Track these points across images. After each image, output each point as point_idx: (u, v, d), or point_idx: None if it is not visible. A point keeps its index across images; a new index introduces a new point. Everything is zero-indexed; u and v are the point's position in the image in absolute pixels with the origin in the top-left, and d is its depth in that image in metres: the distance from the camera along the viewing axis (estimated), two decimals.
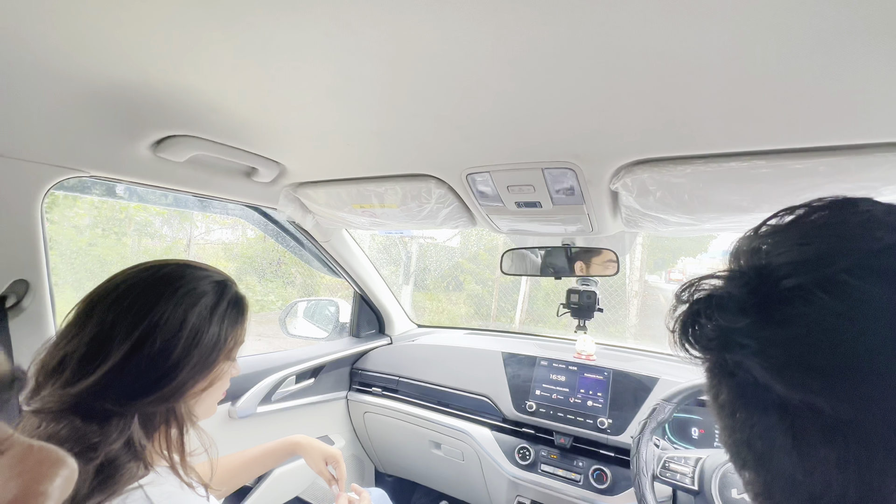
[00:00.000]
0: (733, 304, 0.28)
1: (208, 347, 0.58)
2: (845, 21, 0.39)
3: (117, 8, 0.45)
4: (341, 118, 0.71)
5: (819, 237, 0.27)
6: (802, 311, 0.25)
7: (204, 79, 0.60)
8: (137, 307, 0.55)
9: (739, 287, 0.29)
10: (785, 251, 0.28)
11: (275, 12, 0.44)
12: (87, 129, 0.73)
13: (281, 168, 1.01)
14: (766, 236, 0.30)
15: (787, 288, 0.26)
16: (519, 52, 0.48)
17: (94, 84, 0.60)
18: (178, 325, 0.56)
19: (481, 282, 7.68)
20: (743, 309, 0.28)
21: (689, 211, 0.85)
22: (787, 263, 0.27)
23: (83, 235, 5.50)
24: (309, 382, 1.61)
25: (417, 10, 0.42)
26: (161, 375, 0.54)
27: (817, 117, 0.56)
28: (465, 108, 0.64)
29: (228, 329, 0.62)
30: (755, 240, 0.31)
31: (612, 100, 0.57)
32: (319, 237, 1.50)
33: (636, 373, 1.38)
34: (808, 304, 0.25)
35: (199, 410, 0.63)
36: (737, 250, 0.32)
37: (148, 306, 0.55)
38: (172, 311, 0.56)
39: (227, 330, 0.62)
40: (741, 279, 0.29)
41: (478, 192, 0.99)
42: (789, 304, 0.26)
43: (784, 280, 0.27)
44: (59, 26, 0.48)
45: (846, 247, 0.26)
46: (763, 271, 0.28)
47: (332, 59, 0.53)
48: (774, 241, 0.29)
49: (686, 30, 0.42)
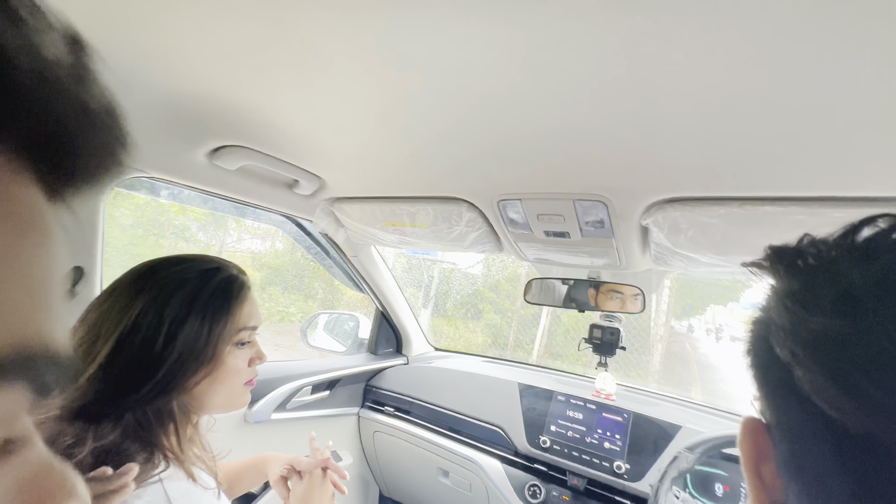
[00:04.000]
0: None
1: (190, 338, 0.58)
2: (889, 73, 0.40)
3: (199, 31, 0.50)
4: (384, 139, 0.76)
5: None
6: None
7: (264, 96, 0.65)
8: (118, 307, 0.57)
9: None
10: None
11: (341, 40, 0.49)
12: (155, 134, 0.80)
13: (321, 182, 1.06)
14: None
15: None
16: (559, 87, 0.51)
17: (168, 94, 0.67)
18: (155, 320, 0.56)
19: (500, 312, 7.60)
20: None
21: (721, 252, 0.84)
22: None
23: (125, 234, 5.81)
24: (324, 394, 1.62)
25: (468, 43, 0.46)
26: (144, 373, 0.55)
27: (856, 166, 0.56)
28: (503, 137, 0.67)
29: (214, 316, 0.61)
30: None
31: (646, 137, 0.59)
32: (349, 252, 1.55)
33: (658, 418, 1.32)
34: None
35: (211, 401, 0.63)
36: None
37: (127, 305, 0.57)
38: (149, 307, 0.57)
39: (213, 318, 0.61)
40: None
41: (508, 218, 1.01)
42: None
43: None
44: (146, 42, 0.54)
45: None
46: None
47: (384, 85, 0.57)
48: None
49: (724, 73, 0.44)
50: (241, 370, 0.66)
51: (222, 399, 0.65)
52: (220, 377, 0.63)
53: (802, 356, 0.24)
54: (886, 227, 0.25)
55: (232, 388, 0.65)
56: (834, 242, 0.26)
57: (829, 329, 0.23)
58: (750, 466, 0.29)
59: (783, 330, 0.26)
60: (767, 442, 0.28)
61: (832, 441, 0.23)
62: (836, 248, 0.26)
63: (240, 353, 0.66)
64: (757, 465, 0.28)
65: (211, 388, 0.63)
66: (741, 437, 0.30)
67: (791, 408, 0.26)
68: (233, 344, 0.64)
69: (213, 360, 0.61)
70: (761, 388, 0.29)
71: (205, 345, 0.60)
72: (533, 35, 0.43)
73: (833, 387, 0.23)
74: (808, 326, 0.24)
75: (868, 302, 0.22)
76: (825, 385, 0.23)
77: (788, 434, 0.26)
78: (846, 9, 0.34)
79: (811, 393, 0.24)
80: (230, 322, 0.63)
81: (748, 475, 0.29)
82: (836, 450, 0.23)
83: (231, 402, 0.67)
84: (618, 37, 0.41)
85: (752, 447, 0.29)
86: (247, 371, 0.68)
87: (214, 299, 0.62)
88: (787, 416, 0.27)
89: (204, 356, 0.60)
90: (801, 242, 0.28)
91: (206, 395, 0.63)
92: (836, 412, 0.23)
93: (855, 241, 0.25)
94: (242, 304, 0.66)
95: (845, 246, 0.25)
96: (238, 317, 0.65)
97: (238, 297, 0.65)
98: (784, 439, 0.27)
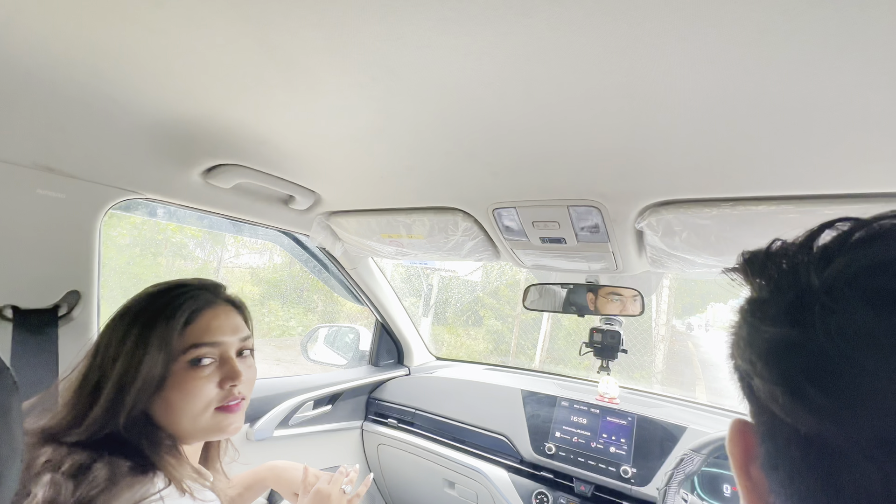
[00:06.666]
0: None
1: (128, 358, 0.58)
2: (871, 72, 0.41)
3: (188, 53, 0.51)
4: (377, 153, 0.76)
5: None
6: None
7: (256, 114, 0.66)
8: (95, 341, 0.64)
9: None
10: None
11: (330, 58, 0.49)
12: (149, 156, 0.80)
13: (316, 197, 1.06)
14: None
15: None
16: (547, 96, 0.52)
17: (160, 116, 0.67)
18: (105, 345, 0.61)
19: (501, 318, 7.58)
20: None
21: (716, 253, 0.85)
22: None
23: (123, 254, 5.80)
24: (326, 409, 1.61)
25: (456, 56, 0.47)
26: (96, 396, 0.58)
27: (846, 164, 0.57)
28: (495, 146, 0.67)
29: (150, 335, 0.59)
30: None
31: (637, 142, 0.60)
32: (347, 265, 1.55)
33: (662, 420, 1.32)
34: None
35: (177, 425, 0.61)
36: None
37: (98, 336, 0.63)
38: (104, 334, 0.62)
39: (148, 337, 0.59)
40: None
41: (503, 226, 1.01)
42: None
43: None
44: (136, 66, 0.55)
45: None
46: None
47: (375, 100, 0.58)
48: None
49: (710, 76, 0.45)
50: (199, 391, 0.61)
51: (188, 423, 0.61)
52: (173, 400, 0.60)
53: (759, 365, 0.25)
54: (845, 230, 0.24)
55: (193, 412, 0.61)
56: (798, 246, 0.26)
57: (779, 337, 0.24)
58: (739, 466, 0.29)
59: (742, 339, 0.27)
60: (754, 442, 0.28)
61: (796, 443, 0.24)
62: (799, 252, 0.26)
63: (197, 372, 0.61)
64: (746, 466, 0.29)
65: (168, 410, 0.60)
66: (729, 438, 0.30)
67: (760, 412, 0.27)
68: (185, 363, 0.61)
69: (155, 383, 0.59)
70: (741, 391, 0.29)
71: (140, 364, 0.58)
72: (519, 47, 0.44)
73: (783, 395, 0.23)
74: (762, 336, 0.25)
75: (816, 308, 0.22)
76: (776, 393, 0.24)
77: (763, 436, 0.27)
78: (828, 9, 0.34)
79: (766, 400, 0.25)
80: (171, 340, 0.60)
81: (738, 475, 0.29)
82: (800, 451, 0.24)
83: (200, 426, 0.62)
84: (602, 46, 0.42)
85: (741, 448, 0.29)
86: (215, 393, 0.63)
87: (152, 318, 0.61)
88: (759, 418, 0.27)
89: (146, 376, 0.58)
90: (772, 247, 0.28)
91: (168, 419, 0.61)
92: (789, 419, 0.23)
93: (814, 245, 0.25)
94: (195, 320, 0.63)
95: (806, 250, 0.25)
96: (187, 333, 0.62)
97: (181, 313, 0.62)
98: (762, 440, 0.27)
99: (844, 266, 0.23)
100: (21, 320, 0.78)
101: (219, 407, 0.64)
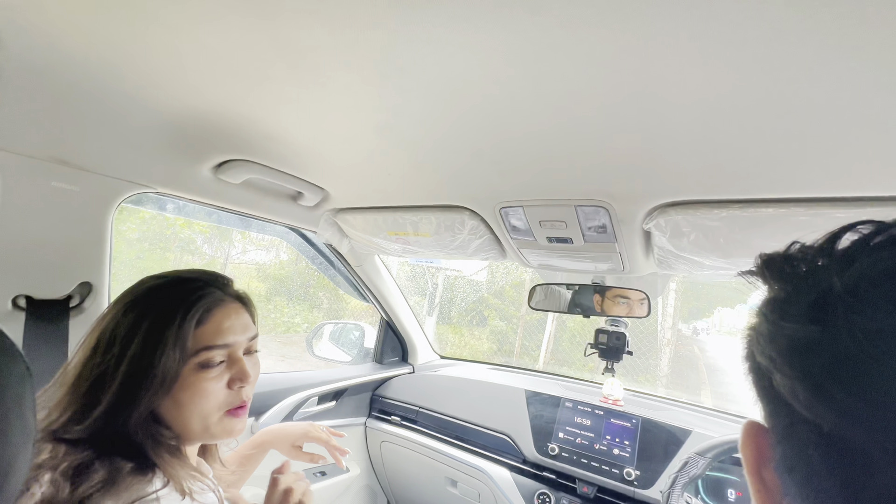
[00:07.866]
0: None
1: (136, 359, 0.56)
2: (886, 73, 0.40)
3: (201, 49, 0.52)
4: (386, 150, 0.77)
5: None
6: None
7: (267, 110, 0.67)
8: (90, 333, 0.61)
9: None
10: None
11: (340, 55, 0.50)
12: (161, 151, 0.81)
13: (324, 193, 1.07)
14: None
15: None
16: (557, 95, 0.52)
17: (172, 111, 0.68)
18: (109, 343, 0.57)
19: (506, 318, 7.57)
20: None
21: (724, 255, 0.84)
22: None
23: (132, 248, 5.88)
24: (330, 405, 1.62)
25: (465, 54, 0.47)
26: (98, 395, 0.56)
27: (859, 167, 0.56)
28: (503, 145, 0.67)
29: (160, 337, 0.57)
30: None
31: (646, 142, 0.59)
32: (353, 261, 1.56)
33: (667, 423, 1.31)
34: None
35: (185, 427, 0.61)
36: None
37: (93, 330, 0.60)
38: (105, 331, 0.59)
39: (158, 338, 0.57)
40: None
41: (510, 225, 1.01)
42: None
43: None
44: (150, 62, 0.55)
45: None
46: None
47: (384, 97, 0.58)
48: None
49: (721, 77, 0.44)
50: (209, 393, 0.61)
51: (197, 425, 0.61)
52: (183, 401, 0.59)
53: (779, 361, 0.25)
54: (866, 233, 0.25)
55: (202, 414, 0.61)
56: (818, 249, 0.27)
57: (801, 334, 0.24)
58: (752, 470, 0.29)
59: (763, 336, 0.27)
60: (767, 445, 0.28)
61: (816, 442, 0.24)
62: (819, 255, 0.26)
63: (207, 374, 0.61)
64: (758, 468, 0.28)
65: (177, 411, 0.60)
66: (742, 440, 0.30)
67: (778, 412, 0.27)
68: (195, 365, 0.60)
69: (167, 382, 0.57)
70: (756, 392, 0.29)
71: (150, 366, 0.56)
72: (529, 45, 0.44)
73: (804, 390, 0.23)
74: (784, 332, 0.25)
75: (839, 308, 0.23)
76: (798, 389, 0.24)
77: (779, 437, 0.27)
78: (842, 9, 0.34)
79: (787, 396, 0.25)
80: (187, 340, 0.59)
81: (750, 478, 0.29)
82: (820, 451, 0.24)
83: (209, 429, 0.62)
84: (613, 44, 0.42)
85: (753, 450, 0.29)
86: (224, 394, 0.62)
87: (165, 316, 0.58)
88: (776, 419, 0.27)
89: (154, 378, 0.56)
90: (790, 249, 0.28)
91: (176, 420, 0.60)
92: (810, 415, 0.23)
93: (835, 248, 0.26)
94: (207, 320, 0.62)
95: (826, 253, 0.26)
96: (199, 334, 0.60)
97: (194, 311, 0.60)
98: (778, 442, 0.27)
99: (867, 268, 0.23)
100: (34, 310, 0.80)
101: (227, 411, 0.64)
